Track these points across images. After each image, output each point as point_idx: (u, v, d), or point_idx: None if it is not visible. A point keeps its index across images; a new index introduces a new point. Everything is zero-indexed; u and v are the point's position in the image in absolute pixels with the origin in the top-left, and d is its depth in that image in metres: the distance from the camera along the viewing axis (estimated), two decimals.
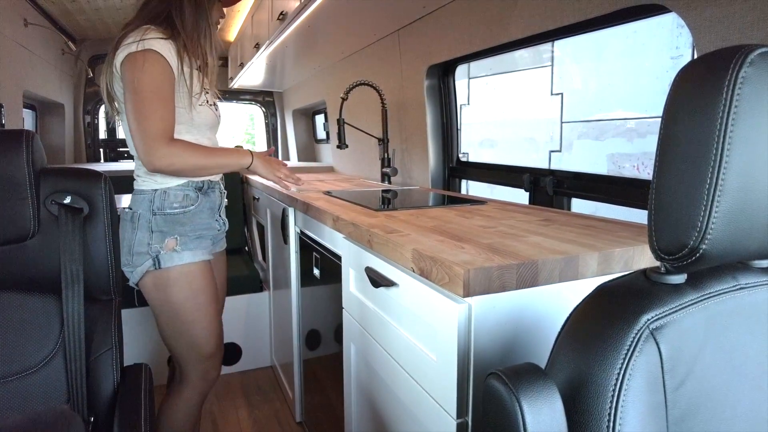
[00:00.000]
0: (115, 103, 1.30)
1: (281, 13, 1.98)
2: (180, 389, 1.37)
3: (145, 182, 1.30)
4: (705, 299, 0.49)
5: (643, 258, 0.91)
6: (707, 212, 0.43)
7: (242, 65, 3.13)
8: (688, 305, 0.48)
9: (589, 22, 1.27)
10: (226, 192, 1.48)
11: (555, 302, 0.83)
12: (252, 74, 3.29)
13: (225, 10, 1.45)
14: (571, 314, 0.50)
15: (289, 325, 1.90)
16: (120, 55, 1.20)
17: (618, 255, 0.88)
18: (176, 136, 1.27)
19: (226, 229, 1.48)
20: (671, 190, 0.46)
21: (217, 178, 1.43)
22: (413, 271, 0.87)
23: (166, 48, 1.22)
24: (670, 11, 1.07)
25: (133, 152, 1.29)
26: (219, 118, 1.43)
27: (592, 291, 0.51)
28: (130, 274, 1.29)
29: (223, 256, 1.55)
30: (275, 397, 2.13)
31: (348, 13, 1.86)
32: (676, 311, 0.47)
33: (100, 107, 3.97)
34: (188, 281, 1.30)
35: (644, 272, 0.52)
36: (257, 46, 2.58)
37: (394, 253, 0.93)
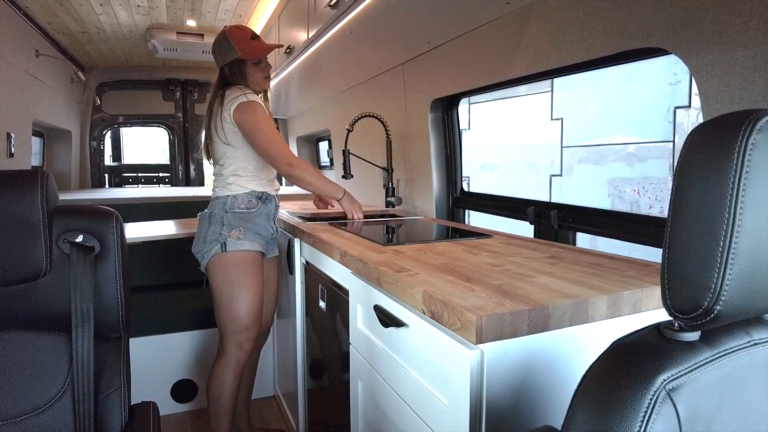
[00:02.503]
0: (219, 143, 1.67)
1: (288, 47, 2.02)
2: (219, 359, 1.69)
3: (221, 190, 1.70)
4: (720, 357, 0.49)
5: (651, 300, 0.91)
6: (721, 275, 0.44)
7: None
8: (704, 364, 0.48)
9: (591, 60, 1.30)
10: (280, 205, 1.84)
11: (565, 346, 0.83)
12: None
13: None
14: (586, 373, 0.50)
15: (293, 355, 1.89)
16: (232, 106, 1.61)
17: (626, 297, 0.88)
18: (256, 161, 1.70)
19: (278, 235, 1.85)
20: (684, 251, 0.47)
21: (273, 192, 1.78)
22: (424, 313, 0.87)
23: (258, 98, 1.67)
24: (671, 53, 1.10)
25: (220, 171, 1.72)
26: None
27: (607, 349, 0.51)
28: (201, 258, 1.67)
29: (275, 261, 1.91)
30: (278, 428, 2.10)
31: (354, 48, 1.91)
32: (691, 370, 0.47)
33: (106, 133, 4.02)
34: (241, 264, 1.65)
35: (657, 328, 0.53)
36: None
37: (404, 294, 0.94)
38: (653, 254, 1.41)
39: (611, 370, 0.48)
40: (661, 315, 0.92)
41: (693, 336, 0.50)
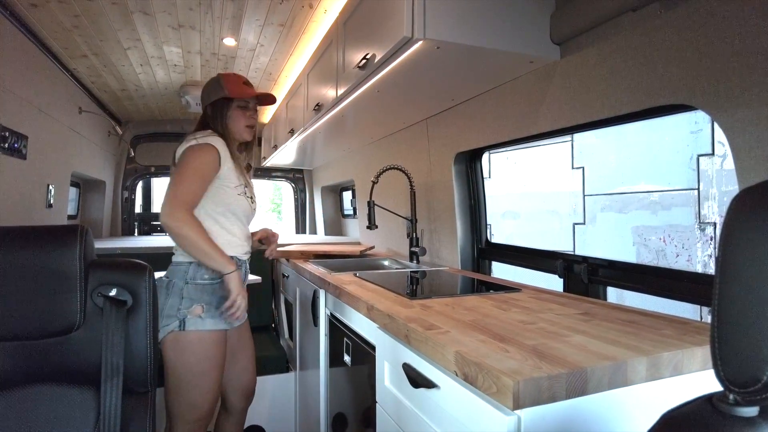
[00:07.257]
0: None
1: (317, 105, 2.10)
2: None
3: (183, 255, 1.47)
4: None
5: (693, 362, 0.88)
6: None
7: (276, 147, 3.28)
8: None
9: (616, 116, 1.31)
10: (249, 271, 1.66)
11: (603, 410, 0.79)
12: (284, 154, 3.44)
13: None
14: None
15: (316, 408, 1.85)
16: (182, 147, 1.47)
17: (666, 359, 0.85)
18: (215, 216, 1.49)
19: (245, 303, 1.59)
20: (736, 322, 0.45)
21: (245, 257, 1.59)
22: (456, 375, 0.85)
23: (221, 143, 1.49)
24: (697, 110, 1.10)
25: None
26: (254, 211, 1.64)
27: (657, 423, 0.49)
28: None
29: (246, 324, 1.71)
30: None
31: (380, 105, 1.97)
32: None
33: (138, 183, 4.17)
34: (203, 347, 1.45)
35: (710, 400, 0.50)
36: (292, 132, 2.72)
37: (435, 353, 0.92)
38: (686, 309, 1.36)
39: None
40: (704, 378, 0.88)
41: (751, 411, 0.47)
